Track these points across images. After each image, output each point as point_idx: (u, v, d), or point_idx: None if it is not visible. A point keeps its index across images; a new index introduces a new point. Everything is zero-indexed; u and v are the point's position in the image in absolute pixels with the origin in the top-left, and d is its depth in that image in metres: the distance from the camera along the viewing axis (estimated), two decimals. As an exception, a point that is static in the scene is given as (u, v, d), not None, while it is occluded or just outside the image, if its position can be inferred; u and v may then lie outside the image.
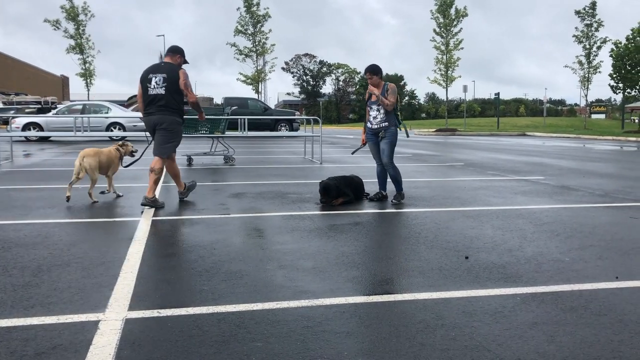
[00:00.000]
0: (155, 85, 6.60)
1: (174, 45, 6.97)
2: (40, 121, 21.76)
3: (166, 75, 6.58)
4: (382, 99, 6.75)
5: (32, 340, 2.70)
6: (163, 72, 6.61)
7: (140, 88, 6.74)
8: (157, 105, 6.60)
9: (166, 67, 6.68)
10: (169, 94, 6.59)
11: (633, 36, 36.32)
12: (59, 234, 5.07)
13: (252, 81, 42.21)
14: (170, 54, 6.84)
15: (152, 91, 6.61)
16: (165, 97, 6.59)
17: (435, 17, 43.46)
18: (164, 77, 6.58)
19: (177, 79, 6.58)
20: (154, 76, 6.62)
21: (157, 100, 6.60)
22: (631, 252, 4.52)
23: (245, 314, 3.08)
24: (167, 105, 6.61)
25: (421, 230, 5.31)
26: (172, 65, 6.71)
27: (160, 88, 6.58)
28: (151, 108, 6.66)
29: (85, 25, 41.23)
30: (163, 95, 6.59)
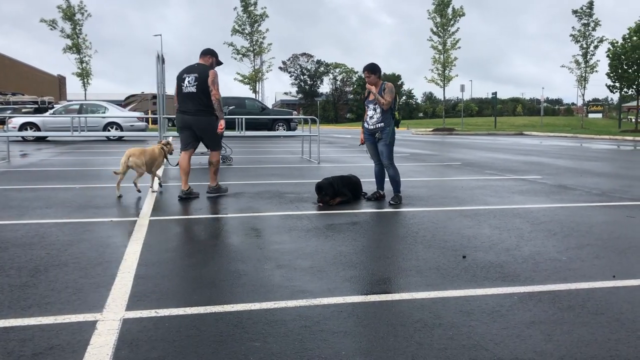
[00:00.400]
0: (188, 84, 7.14)
1: (207, 48, 7.46)
2: (37, 121, 21.71)
3: (197, 75, 7.11)
4: (378, 97, 6.75)
5: (30, 341, 2.69)
6: (195, 72, 7.14)
7: (176, 86, 7.30)
8: (192, 105, 7.14)
9: (199, 67, 7.19)
10: (199, 93, 7.09)
11: (630, 35, 36.39)
12: (56, 234, 5.06)
13: (250, 81, 42.17)
14: (203, 55, 7.35)
15: (185, 89, 7.16)
16: (197, 96, 7.10)
17: (432, 16, 43.48)
18: (196, 76, 7.11)
19: (207, 77, 7.07)
20: (187, 76, 7.16)
21: (189, 99, 7.14)
22: (628, 251, 4.54)
23: (243, 314, 3.08)
24: (200, 106, 7.13)
25: (419, 230, 5.32)
26: (204, 65, 7.22)
27: (192, 87, 7.11)
28: (184, 107, 7.20)
29: (82, 25, 41.14)
30: (194, 93, 7.10)
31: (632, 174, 10.77)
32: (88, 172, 10.64)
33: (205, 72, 7.09)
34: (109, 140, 22.51)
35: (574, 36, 42.29)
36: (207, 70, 7.11)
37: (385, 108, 6.79)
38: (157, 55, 11.97)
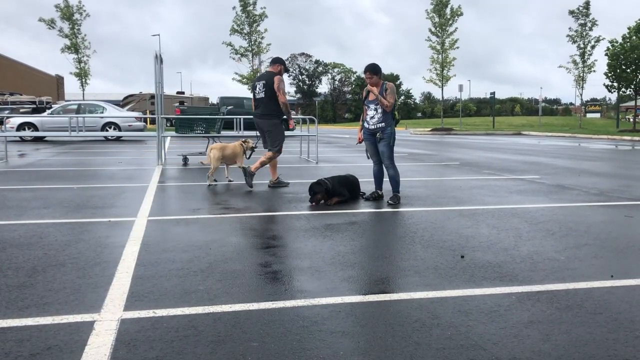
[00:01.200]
0: (259, 90, 8.14)
1: (275, 57, 8.43)
2: (35, 121, 21.68)
3: (265, 81, 8.08)
4: (381, 99, 6.75)
5: (27, 341, 2.69)
6: (263, 79, 8.14)
7: (252, 92, 8.38)
8: (260, 109, 8.13)
9: (266, 75, 8.19)
10: (267, 98, 8.04)
11: (629, 35, 36.41)
12: (54, 234, 5.05)
13: (249, 81, 42.11)
14: (272, 64, 8.34)
15: (257, 95, 8.17)
16: (265, 101, 8.06)
17: (430, 16, 43.49)
18: (264, 83, 8.08)
19: (272, 83, 7.97)
20: (258, 83, 8.19)
21: (260, 104, 8.13)
22: (626, 251, 4.54)
23: (240, 314, 3.07)
24: (266, 109, 8.08)
25: (417, 230, 5.32)
26: (271, 72, 8.17)
27: (262, 92, 8.09)
28: (257, 110, 8.23)
29: (81, 25, 41.07)
30: (263, 98, 8.08)
31: (630, 174, 10.79)
32: (86, 172, 10.63)
33: (271, 78, 8.01)
34: (107, 140, 22.49)
35: (571, 36, 42.31)
36: (273, 76, 8.03)
37: (389, 110, 6.80)
38: (155, 55, 11.96)
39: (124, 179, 9.50)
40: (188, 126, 12.67)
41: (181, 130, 12.79)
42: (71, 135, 15.51)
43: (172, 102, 38.44)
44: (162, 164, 11.83)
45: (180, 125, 12.88)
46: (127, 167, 11.48)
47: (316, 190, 6.69)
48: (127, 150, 16.82)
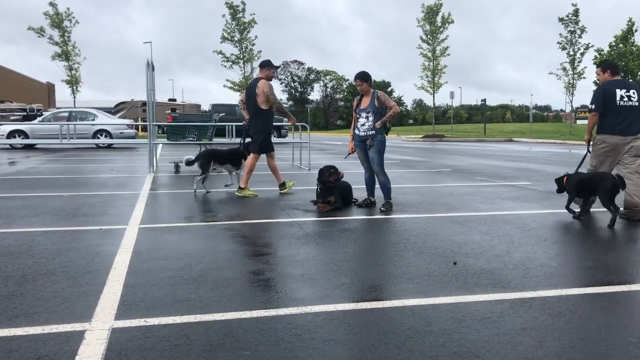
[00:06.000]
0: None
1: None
2: (26, 129, 21.54)
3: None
4: (387, 118, 6.86)
5: (16, 352, 2.65)
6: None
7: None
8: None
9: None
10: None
11: (616, 43, 36.79)
12: (44, 242, 5.01)
13: (240, 88, 42.09)
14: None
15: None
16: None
17: (421, 24, 43.80)
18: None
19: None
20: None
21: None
22: (618, 257, 4.56)
23: (233, 323, 3.05)
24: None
25: (409, 237, 5.32)
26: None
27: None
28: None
29: (70, 32, 40.94)
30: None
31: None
32: (77, 179, 10.57)
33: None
34: (98, 147, 22.38)
35: (560, 43, 42.67)
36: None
37: (398, 110, 6.94)
38: (147, 62, 11.94)
39: (115, 186, 9.45)
40: (180, 133, 12.64)
41: (173, 138, 12.76)
42: (62, 143, 15.44)
43: (163, 109, 38.36)
44: (153, 172, 11.79)
45: (172, 132, 12.85)
46: (119, 175, 11.42)
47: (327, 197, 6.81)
48: (118, 158, 16.75)
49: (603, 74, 6.70)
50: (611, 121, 6.37)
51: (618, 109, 6.35)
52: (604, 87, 6.53)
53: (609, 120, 6.39)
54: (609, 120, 6.39)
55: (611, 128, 6.38)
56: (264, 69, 8.23)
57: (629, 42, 36.51)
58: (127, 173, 11.89)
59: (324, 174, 6.89)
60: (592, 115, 6.53)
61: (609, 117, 6.39)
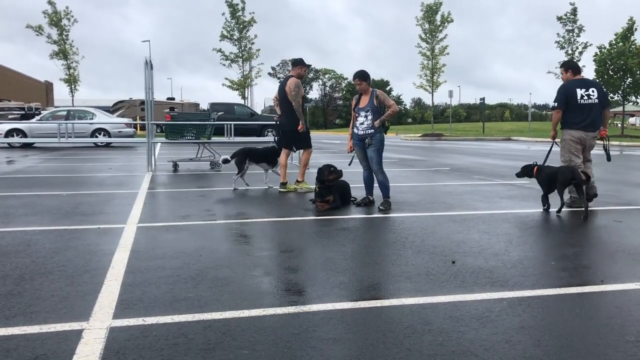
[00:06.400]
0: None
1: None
2: (24, 127, 21.51)
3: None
4: (386, 116, 6.87)
5: (14, 351, 2.65)
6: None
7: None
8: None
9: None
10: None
11: (616, 41, 36.78)
12: (42, 241, 5.00)
13: (239, 87, 42.06)
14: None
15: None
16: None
17: (420, 23, 43.77)
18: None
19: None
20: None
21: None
22: (616, 256, 4.56)
23: (231, 321, 3.05)
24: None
25: (408, 235, 5.31)
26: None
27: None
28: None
29: (69, 31, 40.87)
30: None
31: (619, 179, 10.87)
32: (75, 178, 10.56)
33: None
34: (96, 146, 22.35)
35: (558, 42, 42.66)
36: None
37: (397, 109, 6.95)
38: (145, 61, 11.92)
39: (113, 185, 9.44)
40: (178, 132, 12.63)
41: (171, 137, 12.74)
42: (60, 142, 15.43)
43: (162, 108, 38.30)
44: (152, 171, 11.78)
45: (170, 131, 12.84)
46: (117, 174, 11.41)
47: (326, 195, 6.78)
48: (116, 157, 16.73)
49: (565, 74, 7.25)
50: (574, 118, 6.93)
51: (579, 107, 6.91)
52: (566, 86, 7.04)
53: (573, 117, 6.95)
54: (572, 117, 6.95)
55: (575, 124, 6.94)
56: (296, 67, 8.45)
57: (629, 41, 36.47)
58: (125, 172, 11.87)
59: (323, 173, 6.88)
60: (556, 113, 7.11)
61: (571, 114, 6.95)
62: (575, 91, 6.92)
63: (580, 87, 6.96)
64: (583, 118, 6.91)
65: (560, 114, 7.02)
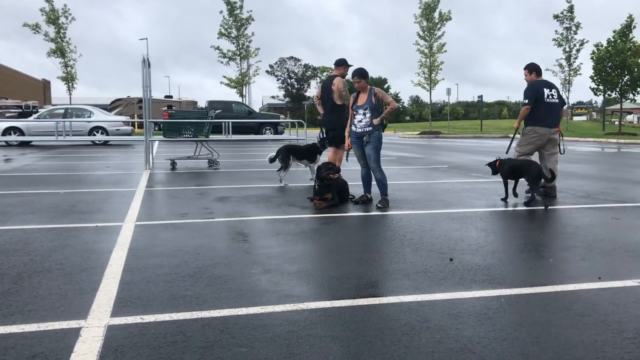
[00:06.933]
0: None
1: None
2: (21, 125, 21.46)
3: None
4: (385, 114, 6.89)
5: (12, 349, 2.65)
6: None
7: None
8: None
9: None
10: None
11: (615, 39, 36.81)
12: (39, 239, 4.99)
13: (237, 84, 42.01)
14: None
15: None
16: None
17: (419, 20, 43.76)
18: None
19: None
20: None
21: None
22: (613, 253, 4.57)
23: (229, 319, 3.05)
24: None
25: (406, 233, 5.32)
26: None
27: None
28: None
29: (66, 29, 40.76)
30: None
31: (616, 176, 10.88)
32: (73, 177, 10.54)
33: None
34: (94, 144, 22.33)
35: (556, 40, 42.68)
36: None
37: (395, 106, 6.97)
38: (143, 59, 11.90)
39: (111, 183, 9.42)
40: (176, 130, 12.61)
41: (169, 135, 12.73)
42: (58, 140, 15.39)
43: (160, 106, 38.26)
44: (149, 169, 11.76)
45: (168, 129, 12.82)
46: (115, 172, 11.40)
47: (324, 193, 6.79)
48: (114, 155, 16.71)
49: (530, 75, 7.91)
50: (539, 115, 7.57)
51: (545, 105, 7.57)
52: (535, 85, 7.70)
53: (538, 114, 7.58)
54: (538, 114, 7.58)
55: (540, 121, 7.58)
56: (340, 67, 8.58)
57: (628, 39, 36.52)
58: (123, 170, 11.86)
59: (321, 171, 6.88)
60: (526, 109, 7.67)
61: (538, 111, 7.57)
62: (543, 90, 7.59)
63: (546, 87, 7.65)
64: (546, 115, 7.58)
65: (529, 110, 7.62)
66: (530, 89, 7.69)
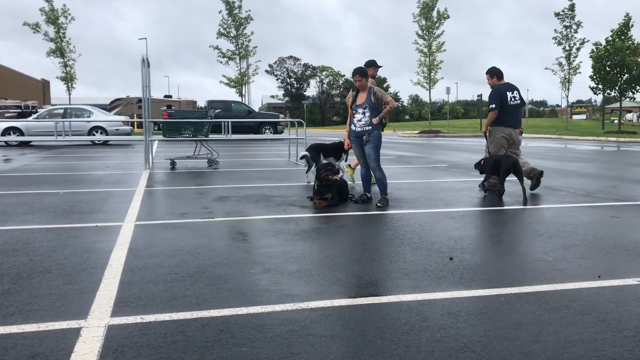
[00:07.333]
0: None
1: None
2: (21, 126, 21.45)
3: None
4: (385, 113, 6.93)
5: (12, 349, 2.65)
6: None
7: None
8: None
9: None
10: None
11: (612, 38, 36.82)
12: (39, 240, 4.99)
13: (236, 84, 42.00)
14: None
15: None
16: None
17: (417, 19, 43.77)
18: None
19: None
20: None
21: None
22: (613, 252, 4.57)
23: (229, 319, 3.05)
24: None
25: (405, 232, 5.32)
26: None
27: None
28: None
29: (66, 29, 40.75)
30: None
31: (616, 175, 10.89)
32: (73, 177, 10.54)
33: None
34: (94, 144, 22.32)
35: (556, 38, 42.68)
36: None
37: (395, 105, 6.99)
38: (142, 58, 11.90)
39: (111, 183, 9.42)
40: (176, 130, 12.61)
41: (169, 134, 12.73)
42: (57, 140, 15.39)
43: (159, 105, 38.24)
44: (149, 168, 11.76)
45: (167, 129, 12.82)
46: (114, 172, 11.39)
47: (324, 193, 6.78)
48: (114, 155, 16.71)
49: (492, 79, 8.26)
50: (505, 117, 7.94)
51: (509, 107, 7.95)
52: (499, 89, 8.03)
53: (504, 117, 7.95)
54: (504, 116, 7.94)
55: (505, 122, 7.97)
56: (370, 68, 8.64)
57: (626, 37, 36.54)
58: (122, 170, 11.86)
59: (320, 171, 6.88)
60: (493, 113, 7.98)
61: (503, 113, 7.93)
62: (506, 94, 7.98)
63: (509, 91, 8.03)
64: (511, 117, 7.99)
65: (496, 114, 7.93)
66: (495, 93, 8.00)
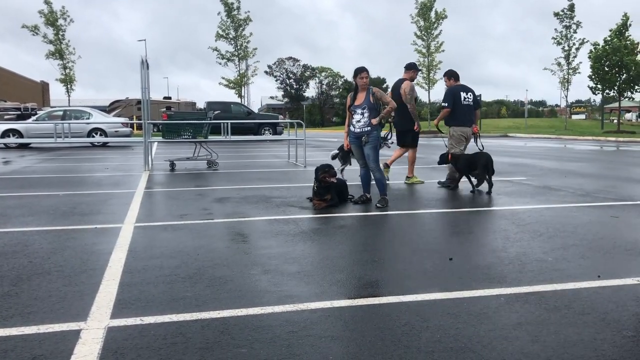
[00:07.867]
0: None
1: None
2: (20, 128, 21.44)
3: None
4: (384, 114, 6.98)
5: (11, 352, 2.65)
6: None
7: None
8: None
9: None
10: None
11: (611, 38, 36.85)
12: (39, 242, 4.99)
13: (235, 85, 42.00)
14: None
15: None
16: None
17: (415, 20, 43.79)
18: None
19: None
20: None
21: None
22: (612, 251, 4.58)
23: (229, 320, 3.05)
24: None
25: (405, 233, 5.32)
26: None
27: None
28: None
29: (65, 31, 40.76)
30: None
31: (615, 175, 10.89)
32: (72, 178, 10.53)
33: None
34: (93, 146, 22.31)
35: (555, 38, 42.71)
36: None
37: (394, 106, 7.05)
38: (141, 60, 11.90)
39: (110, 185, 9.42)
40: (175, 131, 12.61)
41: (168, 136, 12.73)
42: (57, 142, 15.38)
43: (158, 107, 38.24)
44: (149, 170, 11.76)
45: (167, 130, 12.82)
46: (114, 173, 11.39)
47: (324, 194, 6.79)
48: (113, 156, 16.70)
49: (449, 81, 8.93)
50: (460, 116, 8.67)
51: (462, 107, 8.64)
52: (453, 90, 8.71)
53: (458, 115, 8.67)
54: (458, 115, 8.66)
55: (461, 121, 8.69)
56: (410, 70, 9.16)
57: (624, 37, 36.58)
58: (122, 171, 11.86)
59: (318, 173, 6.86)
60: (445, 111, 8.78)
61: (457, 112, 8.64)
62: (460, 94, 8.65)
63: (463, 91, 8.70)
64: (464, 116, 8.68)
65: (448, 112, 8.70)
66: (449, 93, 8.70)
